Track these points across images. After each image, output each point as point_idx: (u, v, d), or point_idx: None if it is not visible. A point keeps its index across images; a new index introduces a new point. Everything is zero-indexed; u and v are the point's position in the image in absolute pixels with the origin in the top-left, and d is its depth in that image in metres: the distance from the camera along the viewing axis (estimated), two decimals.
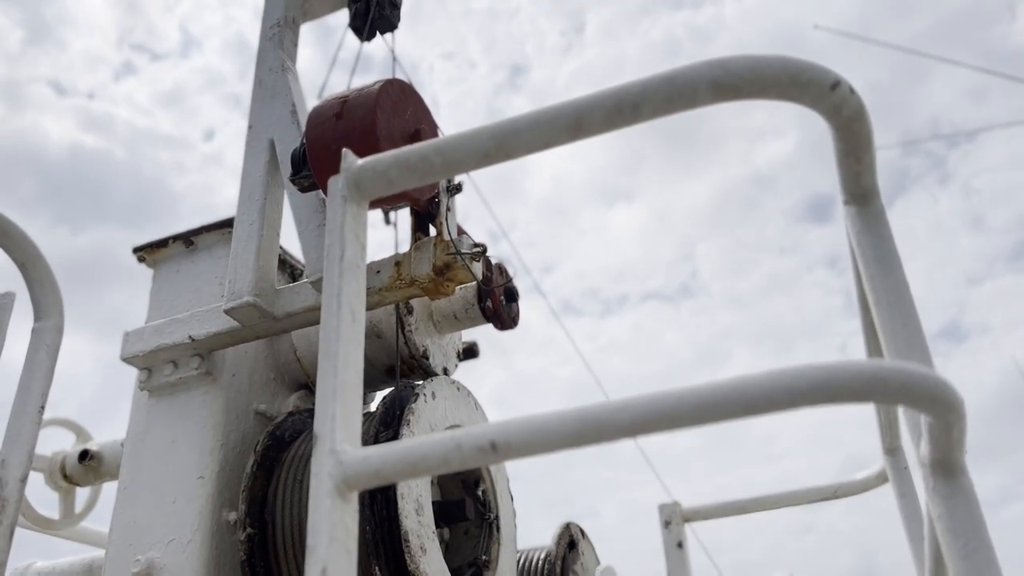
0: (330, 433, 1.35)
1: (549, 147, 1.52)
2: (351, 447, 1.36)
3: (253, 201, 2.26)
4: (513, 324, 2.49)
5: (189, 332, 2.26)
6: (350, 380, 1.43)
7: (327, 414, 1.37)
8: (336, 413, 1.37)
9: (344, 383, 1.42)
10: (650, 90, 1.44)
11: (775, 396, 1.17)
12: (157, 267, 2.66)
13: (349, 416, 1.40)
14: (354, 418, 1.41)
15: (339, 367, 1.42)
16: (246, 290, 2.11)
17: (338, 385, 1.40)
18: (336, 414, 1.37)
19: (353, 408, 1.41)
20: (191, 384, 2.32)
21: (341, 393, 1.40)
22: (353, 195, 1.60)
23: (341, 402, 1.39)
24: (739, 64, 1.43)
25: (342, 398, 1.39)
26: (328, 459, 1.33)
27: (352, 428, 1.40)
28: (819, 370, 1.17)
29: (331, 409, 1.37)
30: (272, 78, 2.47)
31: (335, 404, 1.38)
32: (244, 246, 2.19)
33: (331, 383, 1.39)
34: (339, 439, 1.35)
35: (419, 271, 1.99)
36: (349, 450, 1.35)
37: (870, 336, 2.07)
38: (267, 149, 2.33)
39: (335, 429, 1.36)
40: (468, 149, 1.54)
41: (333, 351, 1.43)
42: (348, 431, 1.38)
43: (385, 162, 1.57)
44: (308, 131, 1.89)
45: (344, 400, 1.40)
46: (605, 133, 1.50)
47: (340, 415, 1.37)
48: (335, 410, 1.37)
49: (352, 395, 1.42)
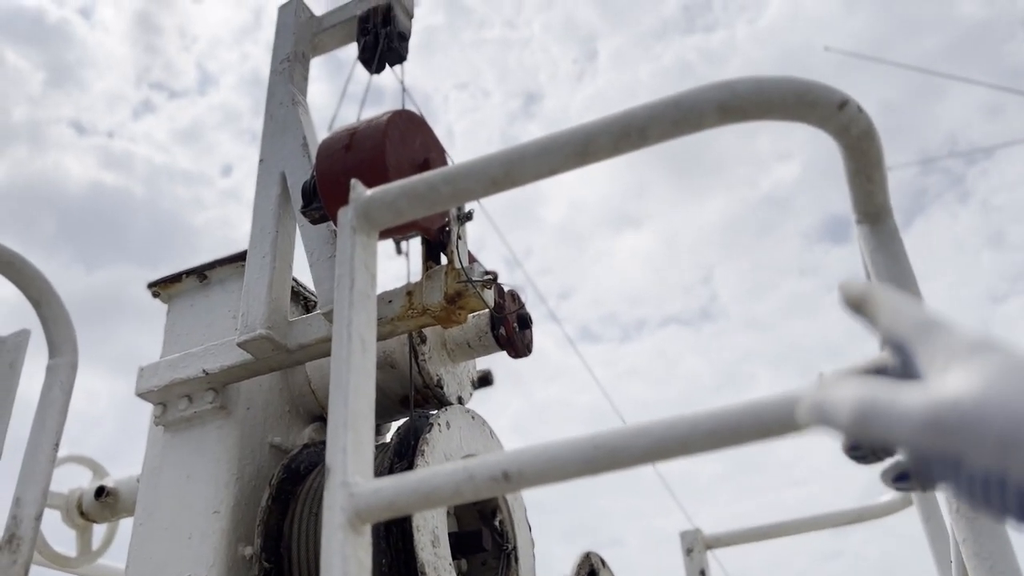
0: (341, 465, 1.34)
1: (556, 173, 1.52)
2: (363, 479, 1.35)
3: (265, 234, 2.27)
4: (527, 351, 2.48)
5: (203, 366, 2.26)
6: (361, 410, 1.42)
7: (338, 446, 1.36)
8: (347, 444, 1.36)
9: (355, 413, 1.41)
10: (656, 114, 1.44)
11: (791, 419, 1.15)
12: (171, 302, 2.67)
13: (361, 447, 1.39)
14: (366, 449, 1.40)
15: (350, 397, 1.41)
16: (259, 323, 2.12)
17: (349, 416, 1.39)
18: (347, 446, 1.36)
19: (365, 439, 1.41)
20: (206, 418, 2.32)
21: (352, 424, 1.39)
22: (363, 225, 1.60)
23: (352, 433, 1.38)
24: (745, 86, 1.42)
25: (354, 429, 1.39)
26: (340, 491, 1.32)
27: (364, 459, 1.39)
28: None
29: (342, 440, 1.36)
30: (283, 112, 2.50)
31: (346, 435, 1.37)
32: (256, 279, 2.20)
33: (342, 414, 1.39)
34: (351, 471, 1.34)
35: (431, 300, 1.99)
36: (361, 482, 1.34)
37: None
38: (279, 182, 2.34)
39: (347, 461, 1.35)
40: (476, 177, 1.54)
41: (344, 382, 1.42)
42: (360, 462, 1.37)
43: (393, 192, 1.58)
44: (318, 163, 1.90)
45: (356, 431, 1.39)
46: (613, 158, 1.49)
47: (352, 446, 1.36)
48: (346, 441, 1.36)
49: (364, 426, 1.41)
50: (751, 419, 1.13)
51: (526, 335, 2.51)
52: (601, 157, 1.49)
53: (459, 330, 2.53)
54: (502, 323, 2.42)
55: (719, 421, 1.11)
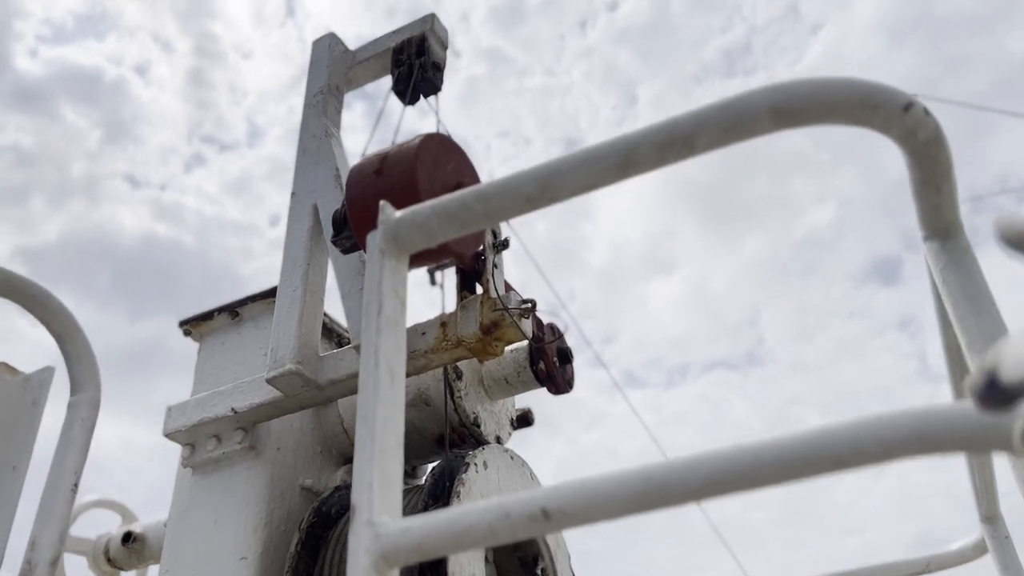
0: (367, 503, 1.24)
1: (596, 187, 1.42)
2: (390, 518, 1.24)
3: (296, 267, 2.21)
4: (568, 387, 2.36)
5: (232, 404, 2.19)
6: (389, 445, 1.32)
7: (364, 482, 1.26)
8: (374, 481, 1.26)
9: (383, 449, 1.31)
10: (704, 120, 1.34)
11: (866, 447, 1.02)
12: (203, 340, 2.61)
13: (388, 484, 1.28)
14: (394, 486, 1.29)
15: (377, 431, 1.31)
16: (288, 358, 2.04)
17: (376, 451, 1.29)
18: (374, 482, 1.25)
19: (393, 476, 1.30)
20: (234, 459, 2.23)
21: (379, 459, 1.29)
22: (391, 249, 1.51)
23: (379, 469, 1.27)
24: (802, 88, 1.32)
25: (380, 465, 1.28)
26: (365, 532, 1.22)
27: (392, 498, 1.28)
28: (916, 416, 1.02)
29: (368, 477, 1.26)
30: (315, 144, 2.45)
31: (372, 471, 1.27)
32: (287, 313, 2.13)
33: (368, 449, 1.29)
34: (377, 510, 1.23)
35: (465, 331, 1.89)
36: (388, 522, 1.23)
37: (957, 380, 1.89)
38: (311, 215, 2.28)
39: (372, 499, 1.24)
40: (511, 194, 1.45)
41: (371, 414, 1.32)
42: (387, 501, 1.27)
43: (424, 213, 1.49)
44: (348, 189, 1.83)
45: (383, 467, 1.29)
46: (657, 169, 1.39)
47: (378, 483, 1.26)
48: (373, 478, 1.26)
49: (391, 462, 1.31)
50: (822, 448, 1.00)
51: (567, 370, 2.40)
52: (644, 169, 1.39)
53: (496, 365, 2.43)
54: (541, 357, 2.31)
55: (786, 450, 0.99)
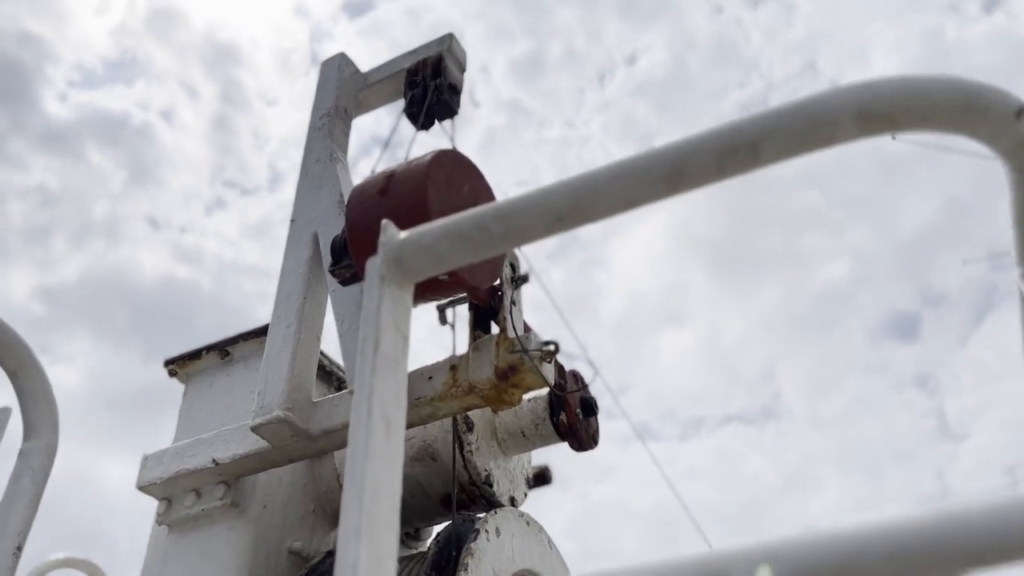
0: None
1: (639, 204, 1.19)
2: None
3: (291, 301, 1.99)
4: (593, 443, 2.11)
5: (213, 455, 1.95)
6: (381, 514, 1.07)
7: (347, 561, 1.01)
8: (360, 561, 1.01)
9: (373, 518, 1.06)
10: (773, 124, 1.11)
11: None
12: (189, 381, 2.39)
13: (380, 562, 1.03)
14: (386, 565, 1.04)
15: (367, 496, 1.06)
16: (277, 403, 1.81)
17: (364, 521, 1.04)
18: (360, 560, 1.00)
19: (384, 554, 1.05)
20: (215, 517, 1.99)
21: (368, 532, 1.04)
22: (393, 275, 1.28)
23: (368, 545, 1.03)
24: (892, 87, 1.09)
25: (369, 540, 1.03)
26: None
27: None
28: None
29: (353, 555, 1.01)
30: (319, 168, 2.25)
31: (359, 547, 1.02)
32: (278, 352, 1.90)
33: (354, 519, 1.04)
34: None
35: (479, 375, 1.66)
36: None
37: None
38: (310, 243, 2.07)
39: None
40: (537, 212, 1.22)
41: (360, 474, 1.08)
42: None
43: (433, 233, 1.26)
44: (348, 211, 1.62)
45: (372, 542, 1.04)
46: (713, 183, 1.16)
47: (366, 561, 1.01)
48: (358, 557, 1.01)
49: (384, 535, 1.06)
50: (957, 539, 0.75)
51: (591, 423, 2.15)
52: (698, 182, 1.16)
53: (512, 416, 2.18)
54: (563, 408, 2.06)
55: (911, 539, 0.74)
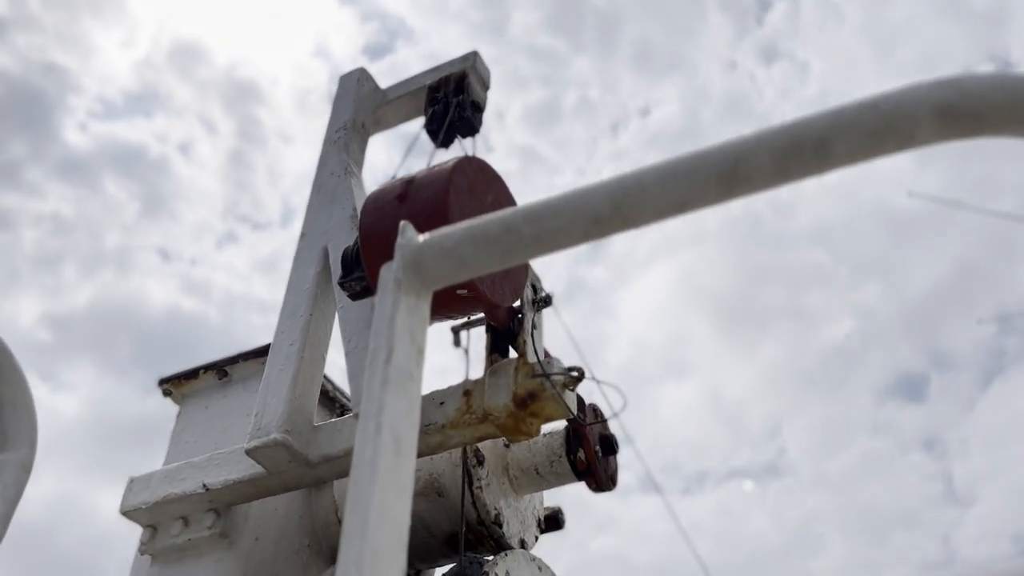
0: None
1: (687, 208, 1.08)
2: None
3: (296, 318, 1.87)
4: (611, 484, 1.97)
5: (204, 479, 1.81)
6: (386, 543, 0.94)
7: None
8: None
9: (377, 549, 0.93)
10: (844, 122, 1.00)
11: None
12: (184, 402, 2.27)
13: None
14: None
15: (371, 523, 0.94)
16: (275, 425, 1.68)
17: (367, 551, 0.91)
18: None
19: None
20: (202, 548, 1.85)
21: (371, 562, 0.91)
22: (411, 280, 1.17)
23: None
24: (983, 84, 0.99)
25: (372, 570, 0.90)
26: None
27: None
28: None
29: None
30: (333, 182, 2.15)
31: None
32: (279, 371, 1.78)
33: (356, 547, 0.92)
34: None
35: (494, 401, 1.53)
36: None
37: None
38: (319, 258, 1.97)
39: None
40: (572, 214, 1.11)
41: (364, 497, 0.95)
42: None
43: (456, 235, 1.15)
44: (363, 218, 1.51)
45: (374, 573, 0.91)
46: (772, 187, 1.05)
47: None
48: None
49: (388, 566, 0.93)
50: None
51: (610, 463, 2.01)
52: (756, 185, 1.05)
53: (526, 452, 2.05)
54: (581, 445, 1.93)
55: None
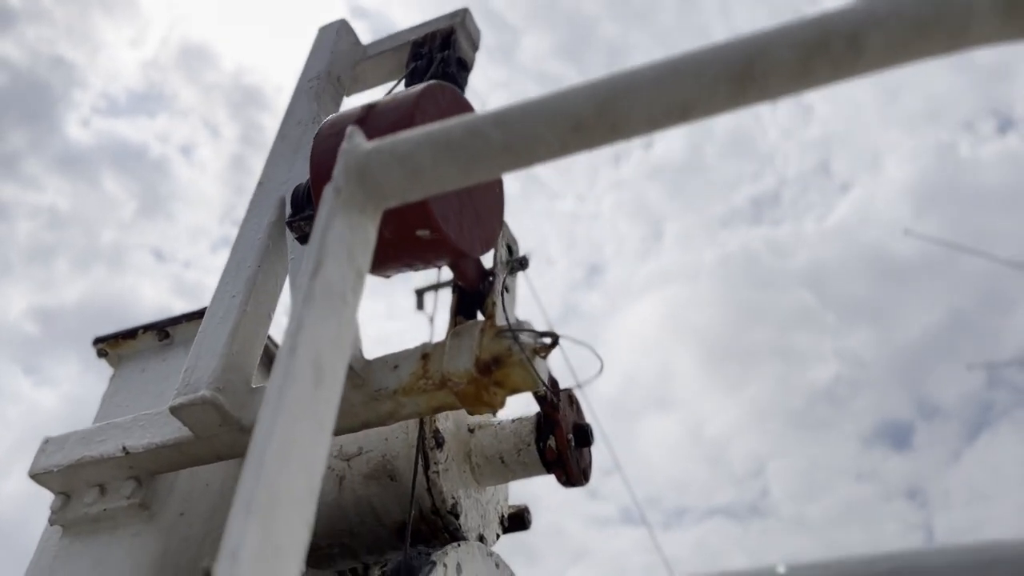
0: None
1: (690, 115, 0.91)
2: None
3: (242, 268, 1.69)
4: (583, 479, 1.79)
5: (125, 442, 1.62)
6: (289, 488, 0.76)
7: (229, 547, 0.70)
8: (246, 545, 0.70)
9: (277, 491, 0.75)
10: (884, 11, 0.83)
11: None
12: (120, 365, 2.08)
13: (277, 554, 0.72)
14: (286, 561, 0.73)
15: (271, 460, 0.76)
16: (205, 382, 1.50)
17: (263, 492, 0.73)
18: (245, 547, 0.69)
19: (286, 540, 0.74)
20: (119, 520, 1.66)
21: (266, 512, 0.73)
22: (354, 192, 1.00)
23: (260, 525, 0.71)
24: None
25: (266, 518, 0.72)
26: None
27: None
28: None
29: (238, 537, 0.70)
30: (299, 131, 1.98)
31: (247, 529, 0.71)
32: (217, 324, 1.60)
33: (250, 488, 0.73)
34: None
35: (454, 366, 1.35)
36: None
37: None
38: (275, 208, 1.79)
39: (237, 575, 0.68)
40: (549, 118, 0.94)
41: (267, 431, 0.77)
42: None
43: (412, 141, 0.98)
44: (315, 145, 1.34)
45: (269, 522, 0.73)
46: (794, 91, 0.88)
47: (255, 549, 0.70)
48: (244, 540, 0.70)
49: (289, 516, 0.75)
50: None
51: (583, 455, 1.83)
52: (774, 88, 0.88)
53: (491, 439, 1.86)
54: (552, 432, 1.74)
55: None
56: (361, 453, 1.80)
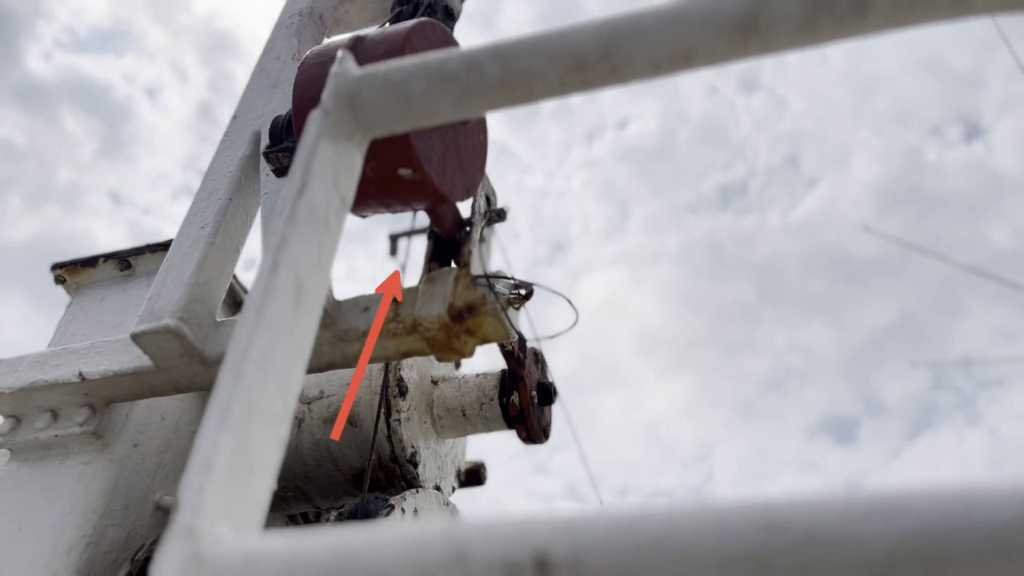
0: (197, 496, 0.67)
1: (691, 63, 0.91)
2: (234, 531, 0.67)
3: (212, 200, 1.66)
4: (544, 436, 1.80)
5: (81, 367, 1.59)
6: (265, 402, 0.76)
7: (201, 458, 0.69)
8: (216, 459, 0.69)
9: (251, 409, 0.74)
10: None
11: None
12: (78, 293, 2.04)
13: (250, 468, 0.72)
14: (257, 479, 0.73)
15: (247, 374, 0.75)
16: (168, 311, 1.47)
17: (237, 407, 0.72)
18: (218, 458, 0.69)
19: (260, 462, 0.74)
20: (70, 447, 1.63)
21: (240, 424, 0.72)
22: (343, 117, 0.98)
23: (235, 440, 0.71)
24: None
25: (240, 433, 0.72)
26: (180, 548, 0.64)
27: (249, 497, 0.71)
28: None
29: (210, 447, 0.69)
30: (277, 67, 1.94)
31: (221, 441, 0.70)
32: (184, 254, 1.57)
33: (226, 397, 0.72)
34: (212, 510, 0.66)
35: (427, 311, 1.34)
36: (226, 537, 0.66)
37: None
38: (249, 142, 1.76)
39: (208, 490, 0.67)
40: (550, 54, 0.94)
41: (245, 347, 0.76)
42: (238, 500, 0.70)
43: (405, 70, 0.97)
44: (299, 75, 1.31)
45: (243, 438, 0.72)
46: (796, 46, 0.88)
47: (228, 460, 0.69)
48: (217, 450, 0.69)
49: (264, 430, 0.74)
50: None
51: (545, 414, 1.84)
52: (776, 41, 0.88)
53: (455, 392, 1.87)
54: (516, 388, 1.75)
55: None
56: (322, 397, 1.80)
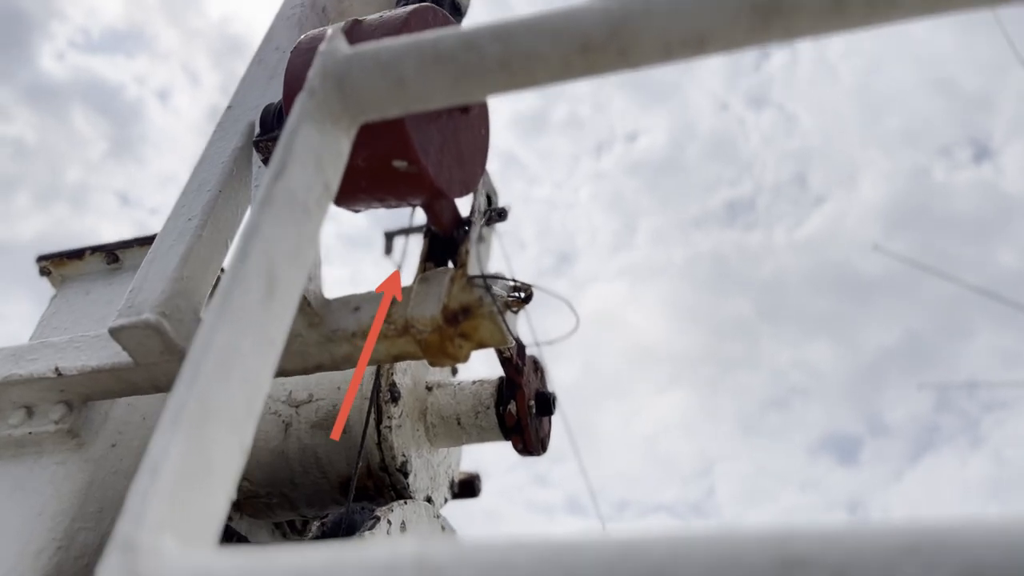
0: (139, 507, 0.60)
1: (707, 48, 0.84)
2: (180, 546, 0.60)
3: (201, 192, 1.60)
4: (541, 448, 1.73)
5: (58, 363, 1.52)
6: (226, 401, 0.69)
7: (150, 461, 0.63)
8: (164, 464, 0.62)
9: (208, 408, 0.68)
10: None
11: None
12: (63, 286, 1.98)
13: (206, 471, 0.66)
14: (215, 488, 0.66)
15: (205, 371, 0.68)
16: (150, 305, 1.40)
17: (192, 406, 0.65)
18: (163, 466, 0.62)
19: (220, 465, 0.67)
20: (44, 445, 1.57)
21: (195, 424, 0.65)
22: (329, 98, 0.92)
23: (188, 441, 0.64)
24: None
25: (193, 436, 0.65)
26: (115, 562, 0.57)
27: (202, 509, 0.65)
28: None
29: (161, 450, 0.63)
30: (276, 57, 1.88)
31: (173, 443, 0.63)
32: (169, 247, 1.50)
33: (182, 397, 0.66)
34: (155, 522, 0.60)
35: (420, 312, 1.27)
36: (171, 551, 0.59)
37: None
38: (243, 133, 1.70)
39: (151, 500, 0.60)
40: (554, 35, 0.87)
41: (206, 338, 0.70)
42: (186, 512, 0.63)
43: (398, 48, 0.90)
44: (291, 60, 1.25)
45: (198, 441, 0.65)
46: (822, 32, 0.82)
47: (179, 463, 0.62)
48: (168, 454, 0.63)
49: (222, 432, 0.67)
50: None
51: (543, 425, 1.76)
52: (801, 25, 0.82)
53: (450, 399, 1.79)
54: (514, 397, 1.68)
55: None
56: (311, 400, 1.73)
